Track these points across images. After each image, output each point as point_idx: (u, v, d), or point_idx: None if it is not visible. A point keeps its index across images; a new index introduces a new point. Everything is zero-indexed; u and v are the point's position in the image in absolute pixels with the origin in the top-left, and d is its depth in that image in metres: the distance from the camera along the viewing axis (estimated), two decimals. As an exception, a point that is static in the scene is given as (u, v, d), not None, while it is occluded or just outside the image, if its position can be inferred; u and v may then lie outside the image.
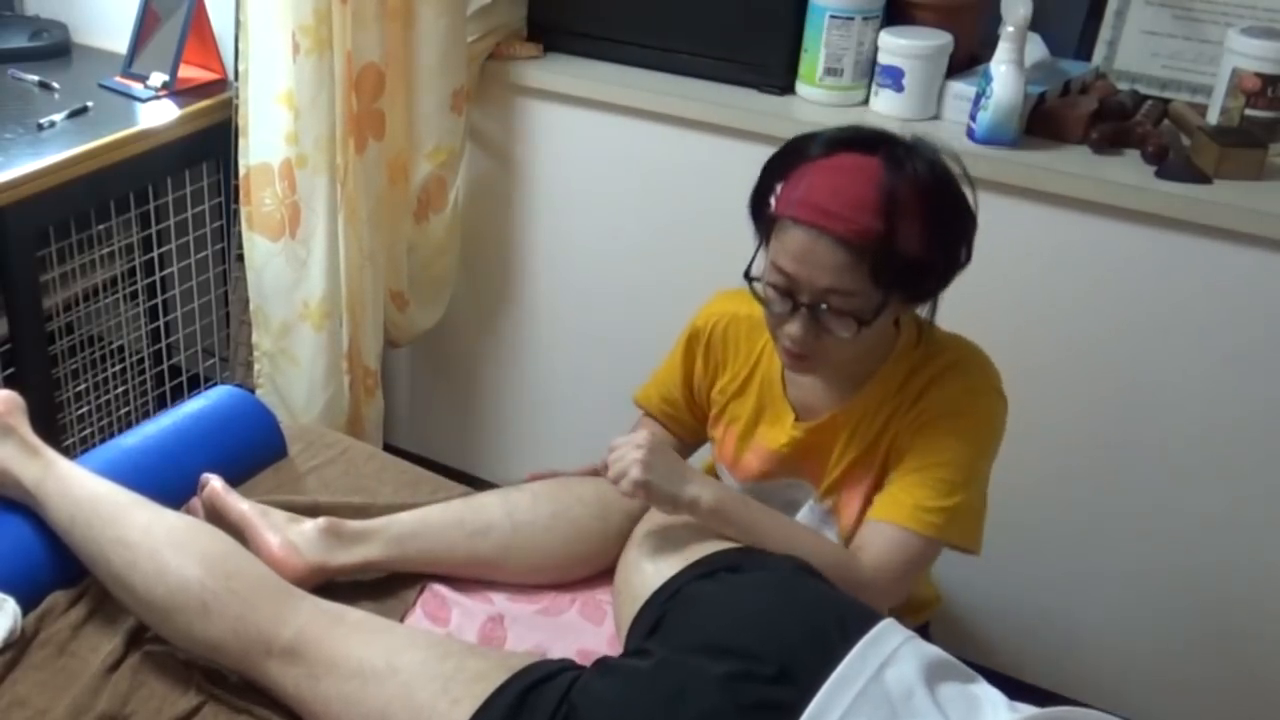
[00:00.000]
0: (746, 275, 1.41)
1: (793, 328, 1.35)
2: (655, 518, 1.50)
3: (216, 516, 1.53)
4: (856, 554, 1.41)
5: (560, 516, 1.55)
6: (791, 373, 1.49)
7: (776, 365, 1.53)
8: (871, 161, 1.30)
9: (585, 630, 1.50)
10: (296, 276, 2.12)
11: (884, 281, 1.30)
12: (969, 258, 1.37)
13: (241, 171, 2.09)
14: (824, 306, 1.32)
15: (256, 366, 2.21)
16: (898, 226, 1.27)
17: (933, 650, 1.24)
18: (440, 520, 1.55)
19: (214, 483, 1.56)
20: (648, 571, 1.40)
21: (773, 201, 1.35)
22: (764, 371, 1.55)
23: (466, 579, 1.56)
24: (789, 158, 1.36)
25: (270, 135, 2.04)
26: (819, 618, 1.24)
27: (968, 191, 1.35)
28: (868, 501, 1.48)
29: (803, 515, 1.56)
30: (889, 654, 1.20)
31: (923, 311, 1.43)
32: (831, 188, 1.29)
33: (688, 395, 1.66)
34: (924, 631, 1.64)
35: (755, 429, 1.56)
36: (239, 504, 1.53)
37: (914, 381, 1.45)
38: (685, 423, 1.68)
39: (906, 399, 1.45)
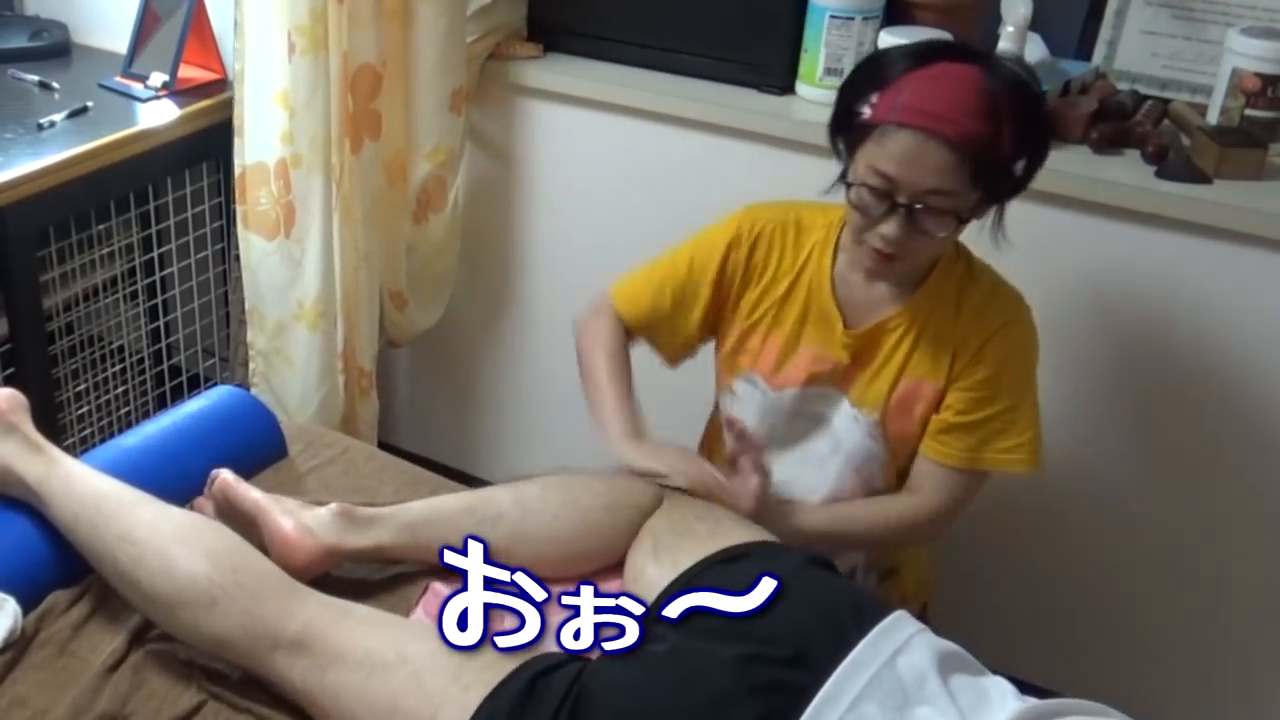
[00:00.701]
0: (844, 180, 1.47)
1: (889, 228, 1.42)
2: (668, 514, 1.50)
3: (228, 508, 1.54)
4: (917, 498, 1.57)
5: (570, 506, 1.55)
6: (872, 276, 1.53)
7: (825, 269, 1.57)
8: (972, 69, 1.38)
9: (585, 630, 1.50)
10: (291, 276, 2.12)
11: (982, 181, 1.39)
12: (1045, 157, 1.47)
13: (237, 170, 2.09)
14: (920, 206, 1.39)
15: (251, 365, 2.22)
16: (1000, 129, 1.37)
17: (944, 643, 1.25)
18: (452, 508, 1.56)
19: (225, 474, 1.56)
20: (660, 566, 1.40)
21: (867, 110, 1.42)
22: (811, 276, 1.58)
23: None
24: (880, 70, 1.43)
25: (266, 135, 2.04)
26: (833, 605, 1.26)
27: None
28: (925, 420, 1.56)
29: (844, 428, 1.59)
30: (902, 642, 1.21)
31: (989, 215, 1.50)
32: (936, 93, 1.37)
33: (711, 296, 1.63)
34: (923, 614, 1.65)
35: (801, 335, 1.59)
36: (251, 492, 1.53)
37: (968, 298, 1.54)
38: (665, 319, 1.67)
39: (966, 318, 1.53)
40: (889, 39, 1.91)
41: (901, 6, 1.97)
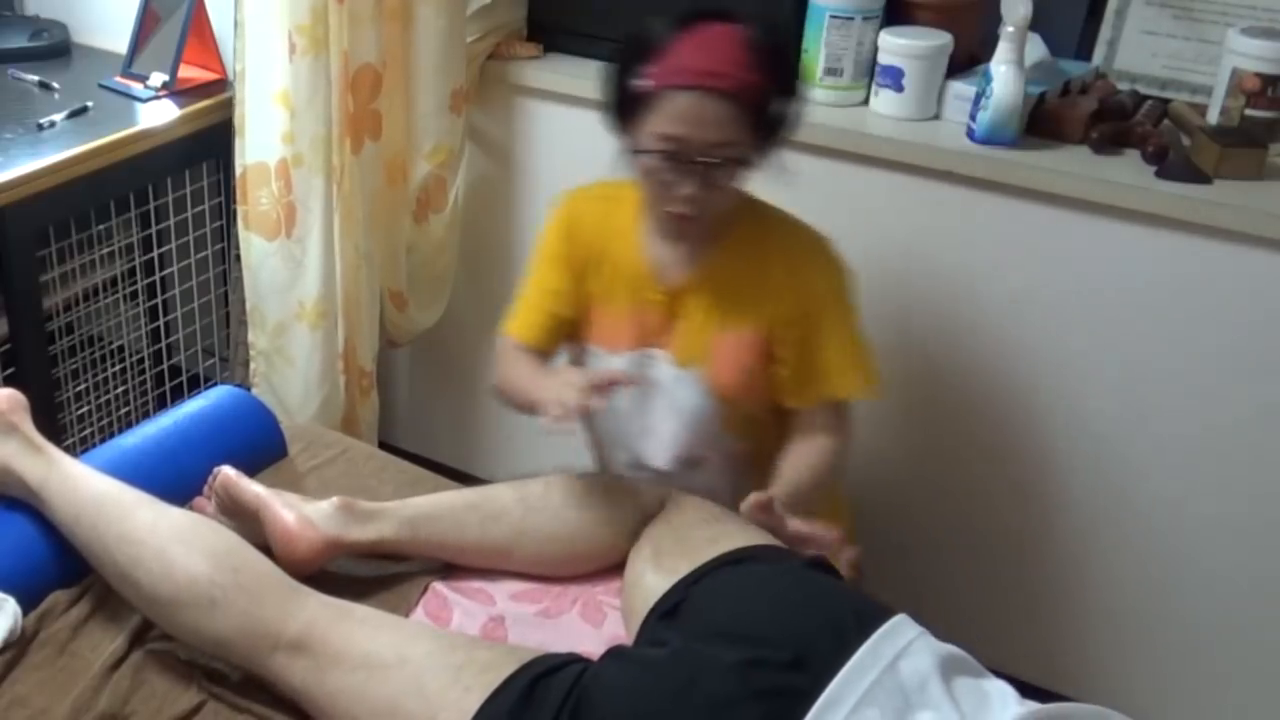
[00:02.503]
0: (633, 152, 1.52)
1: (686, 188, 1.49)
2: (670, 519, 1.51)
3: (230, 503, 1.54)
4: (822, 439, 1.62)
5: (572, 507, 1.56)
6: (676, 238, 1.60)
7: (638, 236, 1.63)
8: (732, 28, 1.47)
9: (585, 632, 1.50)
10: (292, 276, 2.12)
11: (760, 127, 1.49)
12: (803, 98, 1.58)
13: (238, 171, 2.09)
14: (711, 161, 1.47)
15: (252, 365, 2.22)
16: (766, 77, 1.47)
17: (946, 646, 1.25)
18: (453, 504, 1.58)
19: (226, 469, 1.57)
20: (659, 573, 1.40)
21: (643, 82, 1.47)
22: (627, 244, 1.64)
23: (474, 566, 1.57)
24: (644, 44, 1.48)
25: (266, 135, 2.04)
26: (835, 609, 1.26)
27: None
28: (754, 370, 1.61)
29: (674, 388, 1.63)
30: (904, 646, 1.21)
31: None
32: (708, 53, 1.45)
33: (572, 285, 1.68)
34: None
35: (623, 299, 1.65)
36: (253, 486, 1.55)
37: (769, 242, 1.61)
38: (564, 324, 1.70)
39: (773, 262, 1.60)
40: (889, 39, 1.91)
41: (901, 6, 1.97)
